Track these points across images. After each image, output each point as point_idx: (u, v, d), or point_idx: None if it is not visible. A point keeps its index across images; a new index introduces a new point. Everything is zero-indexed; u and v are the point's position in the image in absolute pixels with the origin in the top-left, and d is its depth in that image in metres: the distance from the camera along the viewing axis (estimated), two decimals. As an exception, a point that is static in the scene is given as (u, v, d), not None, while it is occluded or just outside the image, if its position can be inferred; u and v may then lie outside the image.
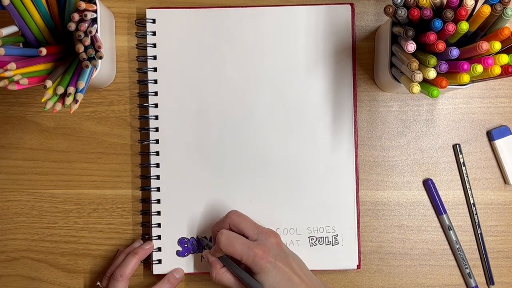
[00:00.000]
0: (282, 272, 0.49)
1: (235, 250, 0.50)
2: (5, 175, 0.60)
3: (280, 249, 0.52)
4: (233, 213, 0.54)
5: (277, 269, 0.49)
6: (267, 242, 0.51)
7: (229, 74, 0.59)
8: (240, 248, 0.50)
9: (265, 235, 0.52)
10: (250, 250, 0.49)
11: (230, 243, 0.50)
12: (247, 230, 0.52)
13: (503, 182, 0.60)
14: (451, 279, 0.60)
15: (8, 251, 0.60)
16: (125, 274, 0.55)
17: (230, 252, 0.50)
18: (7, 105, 0.60)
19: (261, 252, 0.49)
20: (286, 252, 0.52)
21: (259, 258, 0.49)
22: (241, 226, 0.53)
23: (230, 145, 0.58)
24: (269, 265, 0.49)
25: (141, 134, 0.60)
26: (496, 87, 0.60)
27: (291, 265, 0.51)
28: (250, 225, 0.53)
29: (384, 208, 0.60)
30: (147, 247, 0.58)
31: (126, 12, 0.60)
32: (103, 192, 0.60)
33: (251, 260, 0.49)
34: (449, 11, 0.44)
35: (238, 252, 0.50)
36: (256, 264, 0.49)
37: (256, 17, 0.59)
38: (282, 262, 0.50)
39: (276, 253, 0.51)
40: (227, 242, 0.50)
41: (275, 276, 0.49)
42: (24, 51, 0.50)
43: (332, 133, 0.58)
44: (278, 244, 0.52)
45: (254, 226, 0.53)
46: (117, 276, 0.55)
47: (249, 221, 0.53)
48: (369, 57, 0.60)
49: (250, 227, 0.53)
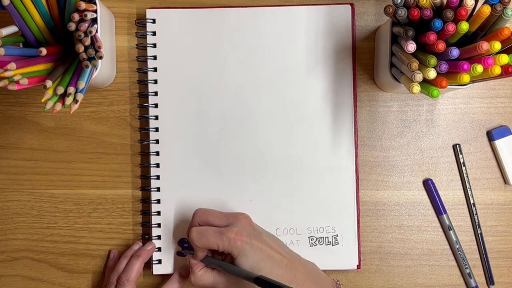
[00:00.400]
0: (260, 250, 0.49)
1: (208, 241, 0.49)
2: (5, 175, 0.60)
3: (253, 229, 0.51)
4: (198, 210, 0.54)
5: (254, 248, 0.49)
6: (238, 224, 0.51)
7: (229, 74, 0.59)
8: (212, 237, 0.49)
9: (234, 218, 0.52)
10: (223, 235, 0.49)
11: (202, 236, 0.50)
12: (215, 221, 0.52)
13: (503, 182, 0.60)
14: (451, 279, 0.60)
15: (8, 251, 0.60)
16: (131, 278, 0.55)
17: (204, 244, 0.50)
18: (7, 105, 0.60)
19: (233, 234, 0.49)
20: (260, 231, 0.52)
21: (234, 240, 0.48)
22: (209, 219, 0.52)
23: (230, 145, 0.58)
24: (245, 245, 0.49)
25: (141, 134, 0.60)
26: (496, 87, 0.60)
27: (267, 243, 0.50)
28: (217, 215, 0.53)
29: (384, 208, 0.60)
30: (149, 248, 0.58)
31: (126, 12, 0.60)
32: (103, 192, 0.60)
33: (227, 245, 0.49)
34: (449, 11, 0.44)
35: (212, 241, 0.49)
36: (233, 246, 0.48)
37: (256, 17, 0.59)
38: (257, 240, 0.50)
39: (250, 232, 0.50)
40: (199, 236, 0.50)
41: (254, 255, 0.48)
42: (24, 51, 0.50)
43: (332, 133, 0.58)
44: (250, 225, 0.52)
45: (222, 214, 0.53)
46: (124, 281, 0.55)
47: (215, 212, 0.53)
48: (369, 57, 0.60)
49: (218, 217, 0.52)
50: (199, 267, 0.52)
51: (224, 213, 0.53)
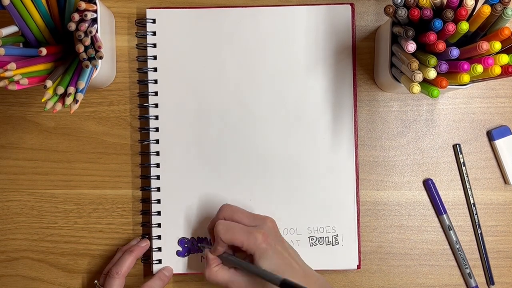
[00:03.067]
0: (282, 256, 0.49)
1: (235, 237, 0.49)
2: (5, 175, 0.60)
3: (277, 234, 0.52)
4: (225, 206, 0.54)
5: (277, 253, 0.49)
6: (265, 226, 0.51)
7: (229, 74, 0.59)
8: (239, 233, 0.49)
9: (261, 220, 0.52)
10: (250, 234, 0.49)
11: (229, 230, 0.50)
12: (242, 219, 0.52)
13: (503, 182, 0.60)
14: (451, 279, 0.60)
15: (8, 251, 0.60)
16: (121, 271, 0.55)
17: (230, 239, 0.49)
18: (7, 105, 0.60)
19: (261, 235, 0.49)
20: (282, 238, 0.52)
21: (260, 241, 0.48)
22: (235, 216, 0.52)
23: (230, 145, 0.58)
24: (270, 248, 0.49)
25: (141, 134, 0.60)
26: (496, 87, 0.60)
27: (288, 251, 0.50)
28: (244, 213, 0.53)
29: (384, 208, 0.60)
30: (143, 245, 0.58)
31: (126, 12, 0.60)
32: (103, 192, 0.60)
33: (252, 244, 0.48)
34: (449, 11, 0.44)
35: (238, 237, 0.49)
36: (258, 247, 0.48)
37: (256, 17, 0.59)
38: (280, 246, 0.50)
39: (275, 237, 0.50)
40: (226, 230, 0.50)
41: (276, 260, 0.48)
42: (24, 51, 0.50)
43: (332, 133, 0.58)
44: (275, 229, 0.52)
45: (249, 214, 0.53)
46: (113, 273, 0.55)
47: (243, 211, 0.53)
48: (369, 57, 0.60)
49: (245, 216, 0.52)
50: (215, 262, 0.52)
51: (251, 213, 0.53)
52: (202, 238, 0.58)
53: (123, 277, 0.56)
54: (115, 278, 0.55)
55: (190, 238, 0.59)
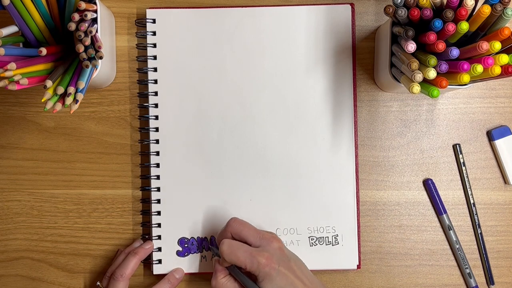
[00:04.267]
0: (285, 277, 0.49)
1: (238, 259, 0.50)
2: (5, 175, 0.60)
3: (282, 254, 0.51)
4: (233, 221, 0.53)
5: (280, 275, 0.49)
6: (270, 248, 0.51)
7: (229, 74, 0.59)
8: (243, 256, 0.50)
9: (267, 241, 0.52)
10: (253, 258, 0.49)
11: (232, 252, 0.50)
12: (248, 237, 0.52)
13: (503, 182, 0.60)
14: (451, 279, 0.60)
15: (8, 251, 0.60)
16: (125, 274, 0.55)
17: (233, 261, 0.50)
18: (7, 105, 0.60)
19: (264, 259, 0.49)
20: (288, 256, 0.52)
21: (263, 265, 0.49)
22: (243, 233, 0.52)
23: (230, 145, 0.58)
24: (273, 271, 0.49)
25: (141, 134, 0.60)
26: (496, 87, 0.60)
27: (293, 270, 0.51)
28: (251, 231, 0.53)
29: (384, 208, 0.60)
30: (147, 247, 0.58)
31: (126, 12, 0.60)
32: (103, 192, 0.60)
33: (255, 267, 0.49)
34: (449, 11, 0.44)
35: (242, 260, 0.50)
36: (261, 271, 0.49)
37: (256, 17, 0.59)
38: (285, 267, 0.50)
39: (279, 258, 0.50)
40: (230, 251, 0.50)
41: (279, 282, 0.49)
42: (24, 51, 0.50)
43: (332, 133, 0.58)
44: (281, 249, 0.52)
45: (256, 232, 0.53)
46: (117, 276, 0.55)
47: (250, 228, 0.53)
48: (369, 57, 0.60)
49: (252, 234, 0.52)
50: (223, 273, 0.52)
51: (258, 232, 0.53)
52: (202, 238, 0.58)
53: (127, 279, 0.56)
54: (119, 281, 0.55)
55: (190, 238, 0.59)
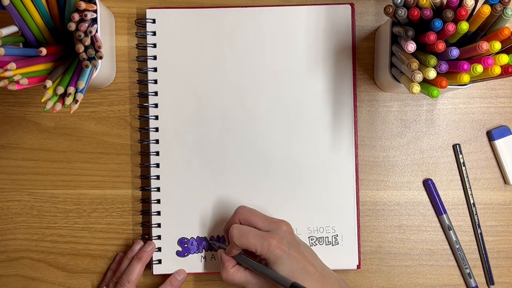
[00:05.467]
0: (296, 261, 0.49)
1: (249, 242, 0.49)
2: (5, 175, 0.60)
3: (293, 238, 0.51)
4: (241, 208, 0.53)
5: (291, 258, 0.49)
6: (280, 231, 0.51)
7: (229, 74, 0.59)
8: (253, 239, 0.49)
9: (277, 224, 0.52)
10: (264, 240, 0.49)
11: (243, 235, 0.50)
12: (257, 223, 0.52)
13: (503, 182, 0.60)
14: (451, 279, 0.60)
15: (8, 251, 0.60)
16: (132, 279, 0.55)
17: (244, 244, 0.49)
18: (7, 105, 0.60)
19: (275, 241, 0.49)
20: (298, 241, 0.52)
21: (274, 247, 0.48)
22: (251, 219, 0.52)
23: (230, 145, 0.58)
24: (284, 254, 0.49)
25: (141, 134, 0.60)
26: (496, 87, 0.60)
27: (303, 254, 0.50)
28: (260, 217, 0.53)
29: (384, 208, 0.60)
30: (149, 250, 0.57)
31: (126, 12, 0.60)
32: (103, 192, 0.60)
33: (266, 250, 0.48)
34: (449, 11, 0.44)
35: (252, 243, 0.49)
36: (272, 253, 0.48)
37: (256, 17, 0.59)
38: (295, 251, 0.50)
39: (290, 241, 0.50)
40: (240, 234, 0.50)
41: (290, 265, 0.49)
42: (24, 51, 0.50)
43: (332, 133, 0.58)
44: (291, 233, 0.52)
45: (264, 218, 0.53)
46: (124, 282, 0.55)
47: (258, 214, 0.53)
48: (369, 57, 0.60)
49: (261, 219, 0.52)
50: (231, 263, 0.52)
51: (267, 217, 0.53)
52: (202, 238, 0.58)
53: (134, 285, 0.56)
54: (126, 287, 0.55)
55: (190, 238, 0.59)
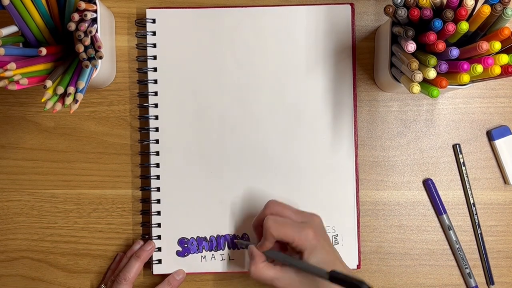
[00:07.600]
0: (328, 253, 0.49)
1: (286, 232, 0.49)
2: (5, 175, 0.60)
3: (324, 231, 0.52)
4: (272, 203, 0.53)
5: (325, 249, 0.49)
6: (313, 223, 0.51)
7: (229, 74, 0.59)
8: (290, 229, 0.49)
9: (309, 217, 0.52)
10: (302, 230, 0.49)
11: (280, 225, 0.49)
12: (291, 215, 0.52)
13: (503, 182, 0.60)
14: (451, 279, 0.60)
15: (8, 251, 0.60)
16: (129, 278, 0.55)
17: (281, 234, 0.49)
18: (7, 105, 0.60)
19: (312, 232, 0.49)
20: (328, 236, 0.52)
21: (311, 238, 0.49)
22: (284, 212, 0.52)
23: (230, 145, 0.58)
24: (319, 245, 0.49)
25: (141, 134, 0.60)
26: (496, 87, 0.60)
27: (334, 248, 0.51)
28: (292, 210, 0.53)
29: (384, 208, 0.60)
30: (148, 249, 0.57)
31: (126, 12, 0.60)
32: (103, 192, 0.60)
33: (304, 240, 0.48)
34: (449, 11, 0.44)
35: (290, 233, 0.49)
36: (309, 244, 0.48)
37: (256, 17, 0.59)
38: (327, 244, 0.50)
39: (323, 233, 0.51)
40: (277, 225, 0.49)
41: (324, 256, 0.49)
42: (24, 51, 0.50)
43: (332, 133, 0.58)
44: (322, 226, 0.52)
45: (297, 211, 0.53)
46: (121, 279, 0.55)
47: (290, 207, 0.53)
48: (369, 57, 0.60)
49: (294, 212, 0.52)
50: (262, 258, 0.51)
51: (299, 210, 0.53)
52: (201, 238, 0.58)
53: (130, 283, 0.55)
54: (123, 285, 0.55)
55: (190, 238, 0.59)
